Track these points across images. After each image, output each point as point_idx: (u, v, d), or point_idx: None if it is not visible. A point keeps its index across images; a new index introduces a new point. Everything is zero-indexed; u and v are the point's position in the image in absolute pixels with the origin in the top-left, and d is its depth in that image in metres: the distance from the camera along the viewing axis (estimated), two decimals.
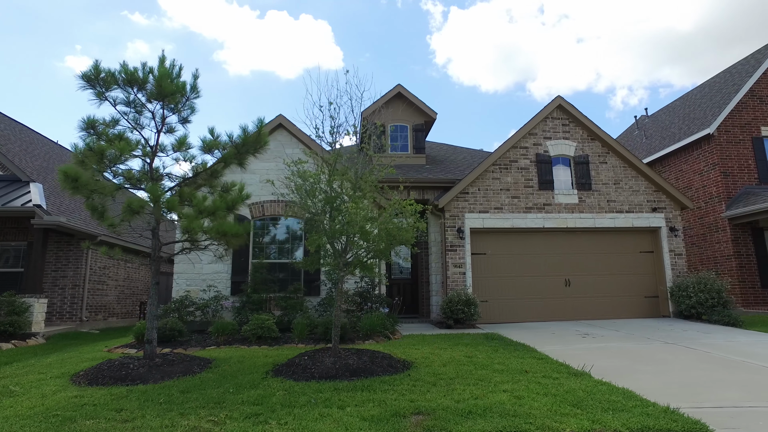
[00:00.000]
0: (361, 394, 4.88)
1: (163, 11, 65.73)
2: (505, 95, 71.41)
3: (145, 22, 65.09)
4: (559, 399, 4.56)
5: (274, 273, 10.48)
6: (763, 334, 8.74)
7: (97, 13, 69.14)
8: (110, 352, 7.83)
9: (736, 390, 5.01)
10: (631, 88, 67.70)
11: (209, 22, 64.41)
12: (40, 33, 72.70)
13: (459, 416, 4.11)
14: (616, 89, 68.27)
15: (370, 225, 6.45)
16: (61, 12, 67.64)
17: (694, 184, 15.10)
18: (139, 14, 66.09)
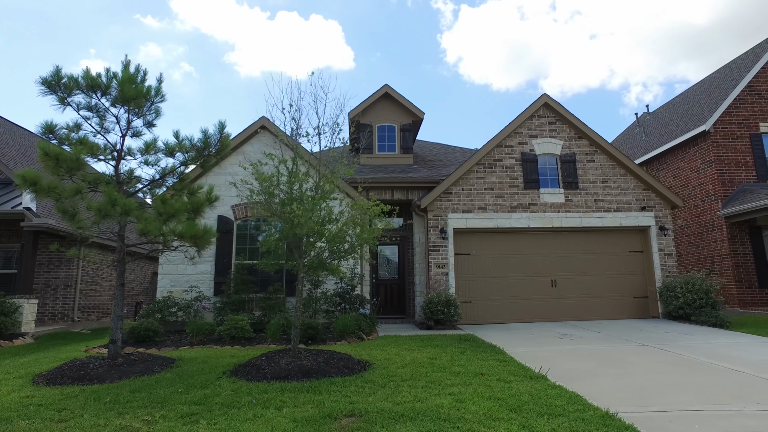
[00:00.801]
0: (304, 395, 4.89)
1: (175, 14, 66.66)
2: (517, 93, 70.79)
3: (157, 25, 66.09)
4: (501, 403, 4.51)
5: (256, 274, 10.55)
6: (745, 336, 8.53)
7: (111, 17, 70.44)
8: (87, 351, 7.97)
9: (691, 393, 4.91)
10: (646, 84, 66.59)
11: (220, 23, 65.13)
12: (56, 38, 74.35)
13: (389, 419, 4.10)
14: (630, 86, 67.20)
15: (330, 226, 6.46)
16: (76, 17, 69.10)
17: (690, 181, 14.79)
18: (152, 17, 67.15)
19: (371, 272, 12.73)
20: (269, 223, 6.82)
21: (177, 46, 68.03)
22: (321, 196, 6.41)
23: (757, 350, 7.18)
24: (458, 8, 68.78)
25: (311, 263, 6.59)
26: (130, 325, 8.44)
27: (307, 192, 6.60)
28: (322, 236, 6.16)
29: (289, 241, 6.27)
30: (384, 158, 13.34)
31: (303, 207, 6.07)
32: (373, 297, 12.55)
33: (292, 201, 6.25)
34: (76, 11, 69.33)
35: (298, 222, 5.91)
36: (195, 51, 73.45)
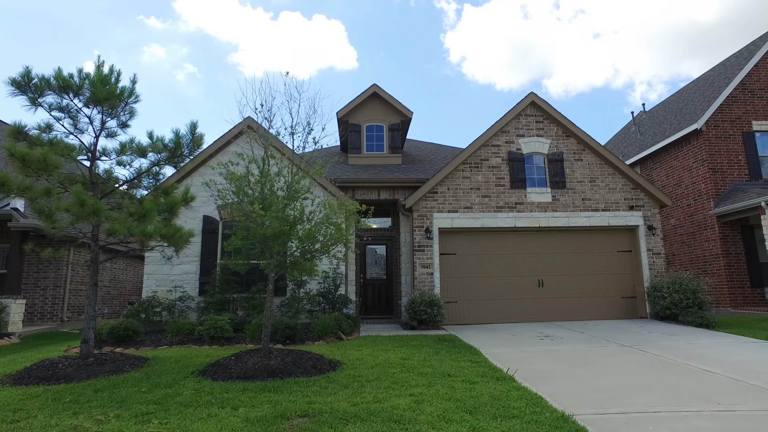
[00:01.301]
0: (264, 395, 4.88)
1: (178, 15, 66.93)
2: (521, 93, 70.57)
3: (160, 26, 66.39)
4: (458, 405, 4.47)
5: (240, 274, 10.55)
6: (729, 336, 8.43)
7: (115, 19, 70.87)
8: (66, 351, 8.00)
9: (656, 395, 4.85)
10: (650, 83, 66.14)
11: (224, 24, 65.33)
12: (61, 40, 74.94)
13: (340, 420, 4.08)
14: (635, 85, 66.76)
15: (300, 226, 6.44)
16: (81, 19, 69.60)
17: (684, 180, 14.66)
18: (155, 18, 67.46)
19: (359, 272, 12.72)
20: (238, 223, 6.81)
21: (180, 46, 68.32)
22: (290, 196, 6.39)
23: (735, 351, 7.10)
24: (461, 7, 68.65)
25: (281, 263, 6.58)
26: (111, 325, 8.47)
27: (278, 192, 6.58)
28: (289, 237, 6.14)
29: (258, 241, 6.26)
30: (372, 158, 13.32)
31: (269, 207, 6.05)
32: (359, 297, 12.54)
33: (255, 201, 6.23)
34: (81, 13, 69.86)
35: (261, 222, 5.89)
36: (198, 52, 73.74)
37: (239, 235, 6.31)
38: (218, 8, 63.97)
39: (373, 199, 12.04)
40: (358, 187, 11.93)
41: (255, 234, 6.13)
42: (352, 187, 11.92)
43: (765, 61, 14.15)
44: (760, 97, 13.98)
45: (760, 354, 6.86)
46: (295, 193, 6.46)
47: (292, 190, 6.51)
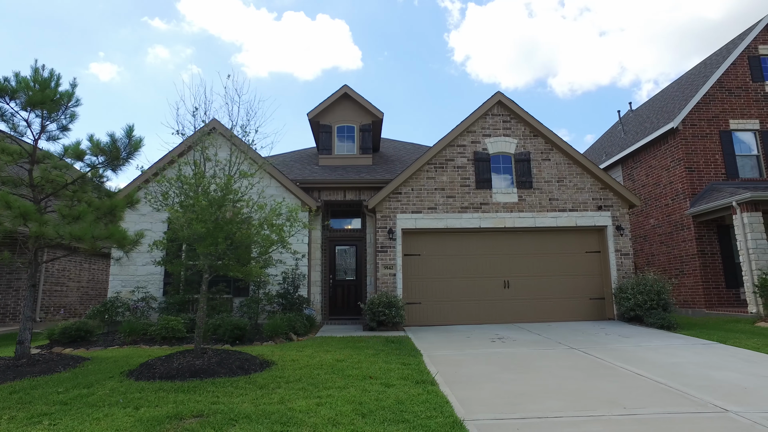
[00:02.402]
0: (174, 395, 4.90)
1: (182, 15, 67.40)
2: (526, 92, 70.01)
3: (164, 27, 66.91)
4: (357, 408, 4.44)
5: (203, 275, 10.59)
6: (683, 338, 8.31)
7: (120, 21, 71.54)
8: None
9: (567, 399, 4.79)
10: (657, 81, 65.44)
11: (227, 25, 65.68)
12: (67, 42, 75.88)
13: (229, 421, 4.08)
14: (642, 83, 66.09)
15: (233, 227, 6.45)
16: (87, 21, 70.39)
17: (662, 180, 14.48)
18: (159, 20, 68.00)
19: (327, 273, 12.72)
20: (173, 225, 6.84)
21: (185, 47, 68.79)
22: (218, 199, 6.39)
23: (678, 353, 6.99)
24: (465, 6, 68.43)
25: (213, 265, 6.60)
26: (64, 325, 8.55)
27: (213, 194, 6.59)
28: (216, 238, 6.15)
29: (184, 242, 6.28)
30: (343, 159, 13.32)
31: (188, 209, 6.07)
32: (327, 298, 12.54)
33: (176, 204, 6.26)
34: (86, 16, 70.67)
35: (181, 225, 5.92)
36: (202, 53, 74.20)
37: (168, 236, 6.34)
38: (222, 9, 64.35)
39: (339, 200, 12.05)
40: (324, 188, 11.94)
41: (183, 236, 6.15)
42: (317, 188, 11.93)
43: (742, 60, 13.94)
44: (737, 96, 13.77)
45: (700, 356, 6.76)
46: (226, 194, 6.45)
47: (224, 192, 6.51)
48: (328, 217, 13.05)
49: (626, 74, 67.05)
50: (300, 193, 11.16)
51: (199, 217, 6.07)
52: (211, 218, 6.09)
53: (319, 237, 11.90)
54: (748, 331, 9.09)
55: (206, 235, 6.05)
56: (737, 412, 4.30)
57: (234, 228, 6.37)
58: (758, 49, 13.97)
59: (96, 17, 70.85)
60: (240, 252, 6.73)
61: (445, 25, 71.53)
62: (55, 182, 7.00)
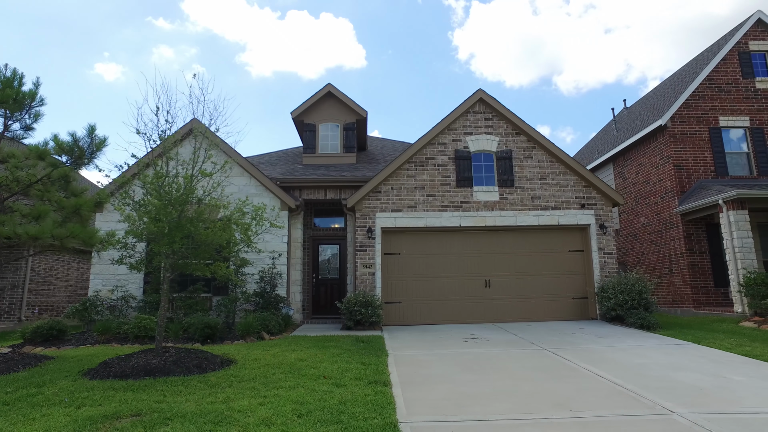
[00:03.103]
0: (121, 394, 4.89)
1: (186, 15, 67.63)
2: (530, 90, 69.66)
3: (169, 27, 67.19)
4: (297, 408, 4.40)
5: (183, 274, 10.59)
6: (659, 338, 8.19)
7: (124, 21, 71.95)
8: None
9: (517, 401, 4.71)
10: (663, 78, 64.68)
11: (231, 24, 65.80)
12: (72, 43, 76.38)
13: (163, 420, 4.06)
14: (648, 80, 65.53)
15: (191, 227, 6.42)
16: (89, 21, 70.85)
17: (651, 178, 14.31)
18: (163, 19, 68.27)
19: (310, 272, 12.70)
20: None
21: (189, 47, 69.02)
22: (180, 197, 6.36)
23: (648, 353, 6.88)
24: (469, 4, 68.15)
25: (174, 264, 6.58)
26: (35, 324, 8.58)
27: (174, 193, 6.56)
28: (172, 238, 6.12)
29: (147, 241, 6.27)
30: (326, 158, 13.27)
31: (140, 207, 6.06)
32: (310, 297, 12.51)
33: (132, 204, 6.24)
34: (90, 16, 71.15)
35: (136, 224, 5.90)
36: (207, 52, 74.46)
37: (129, 233, 6.33)
38: (225, 8, 64.49)
39: (320, 199, 12.01)
40: (305, 187, 11.90)
41: (136, 235, 6.14)
42: (298, 187, 11.89)
43: (732, 56, 13.72)
44: (726, 93, 13.56)
45: (669, 357, 6.65)
46: (185, 193, 6.41)
47: (183, 192, 6.47)
48: (311, 216, 13.03)
49: (632, 72, 66.50)
50: (279, 192, 11.13)
51: (156, 216, 6.04)
52: (167, 218, 6.06)
53: (300, 236, 11.87)
54: (729, 331, 8.95)
55: (163, 234, 6.02)
56: (682, 414, 4.21)
57: (194, 227, 6.34)
58: (749, 45, 13.75)
59: (100, 17, 71.32)
60: (202, 251, 6.69)
61: (449, 23, 71.29)
62: (21, 182, 7.02)
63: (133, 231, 6.21)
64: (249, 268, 10.57)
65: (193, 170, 6.87)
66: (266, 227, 7.45)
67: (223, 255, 7.12)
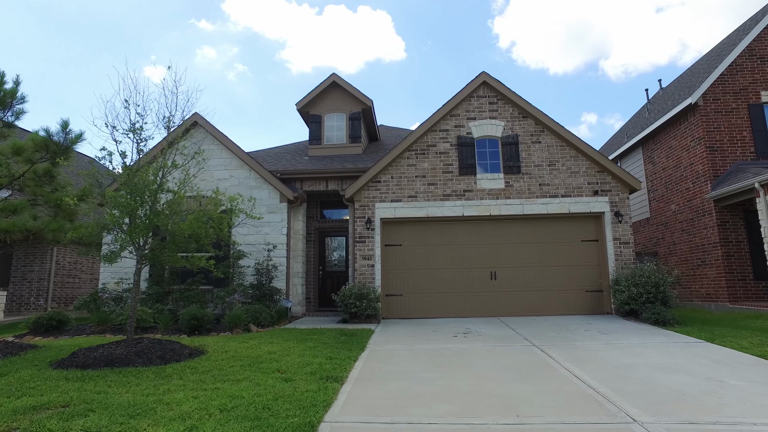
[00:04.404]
0: (69, 384, 4.91)
1: (227, 15, 69.36)
2: (576, 77, 66.57)
3: (211, 28, 69.20)
4: (227, 403, 4.22)
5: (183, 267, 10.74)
6: (669, 335, 7.45)
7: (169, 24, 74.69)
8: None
9: (463, 404, 4.32)
10: None
11: (271, 22, 66.86)
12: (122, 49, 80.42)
13: (84, 411, 4.01)
14: None
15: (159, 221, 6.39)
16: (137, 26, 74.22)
17: (682, 161, 13.16)
18: (206, 21, 70.31)
19: (317, 264, 12.59)
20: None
21: (231, 47, 70.78)
22: (145, 190, 6.32)
23: (646, 353, 6.24)
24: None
25: (144, 255, 6.58)
26: (37, 315, 8.91)
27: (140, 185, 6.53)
28: (135, 229, 6.10)
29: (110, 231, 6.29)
30: (332, 148, 13.08)
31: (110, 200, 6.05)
32: (318, 289, 12.42)
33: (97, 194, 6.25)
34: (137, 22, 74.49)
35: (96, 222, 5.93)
36: (248, 51, 76.06)
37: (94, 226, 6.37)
38: (265, 7, 65.57)
39: (321, 191, 11.84)
40: (306, 179, 11.76)
41: (103, 226, 6.17)
42: (300, 179, 11.77)
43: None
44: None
45: (668, 356, 5.98)
46: (148, 185, 6.36)
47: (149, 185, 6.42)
48: (317, 208, 12.90)
49: (687, 52, 62.12)
50: (277, 184, 11.04)
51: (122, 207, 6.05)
52: (128, 209, 6.05)
53: (302, 228, 11.76)
54: (760, 329, 8.02)
55: (128, 226, 6.02)
56: (644, 423, 3.69)
57: (158, 219, 6.31)
58: None
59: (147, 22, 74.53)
60: (173, 243, 6.67)
61: (489, 11, 69.25)
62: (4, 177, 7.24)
63: (98, 223, 6.24)
64: (246, 260, 10.58)
65: (165, 160, 6.82)
66: (242, 219, 7.33)
67: (202, 245, 7.07)
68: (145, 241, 6.61)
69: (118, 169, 6.56)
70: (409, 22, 69.03)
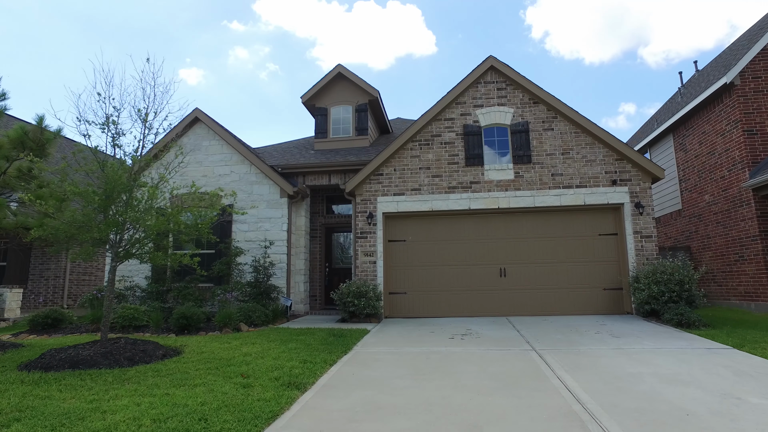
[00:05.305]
0: (19, 389, 4.71)
1: (258, 16, 70.13)
2: (612, 66, 63.61)
3: (242, 29, 70.18)
4: (165, 411, 3.91)
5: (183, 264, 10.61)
6: (692, 340, 6.65)
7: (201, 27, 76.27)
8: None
9: (423, 419, 3.83)
10: None
11: (301, 21, 67.16)
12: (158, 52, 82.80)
13: (10, 420, 3.72)
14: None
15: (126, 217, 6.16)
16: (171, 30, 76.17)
17: (716, 148, 12.03)
18: (237, 22, 71.35)
19: (323, 260, 12.26)
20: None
21: (262, 46, 71.54)
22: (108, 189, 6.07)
23: (658, 361, 5.52)
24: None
25: (117, 253, 6.37)
26: (33, 313, 8.94)
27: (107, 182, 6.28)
28: (93, 227, 5.87)
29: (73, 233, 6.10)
30: (338, 142, 12.69)
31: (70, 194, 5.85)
32: (324, 286, 12.09)
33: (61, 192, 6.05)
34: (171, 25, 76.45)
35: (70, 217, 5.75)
36: (279, 50, 76.70)
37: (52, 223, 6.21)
38: (295, 6, 65.94)
39: (324, 185, 11.47)
40: (309, 173, 11.42)
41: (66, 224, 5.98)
42: (302, 173, 11.44)
43: None
44: None
45: (682, 365, 5.25)
46: (113, 181, 6.11)
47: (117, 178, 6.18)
48: (323, 203, 12.56)
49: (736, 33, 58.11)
50: (277, 179, 10.75)
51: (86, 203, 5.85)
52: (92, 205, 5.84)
53: (304, 224, 11.43)
54: None
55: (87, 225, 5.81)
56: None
57: (125, 216, 6.07)
58: None
59: (180, 26, 76.40)
60: (145, 239, 6.43)
61: (521, 1, 67.15)
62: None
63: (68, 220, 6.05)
64: (245, 257, 10.34)
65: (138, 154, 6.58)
66: (215, 214, 7.05)
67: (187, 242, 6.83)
68: (119, 238, 6.40)
69: (91, 164, 6.35)
70: (439, 15, 67.79)
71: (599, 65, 64.71)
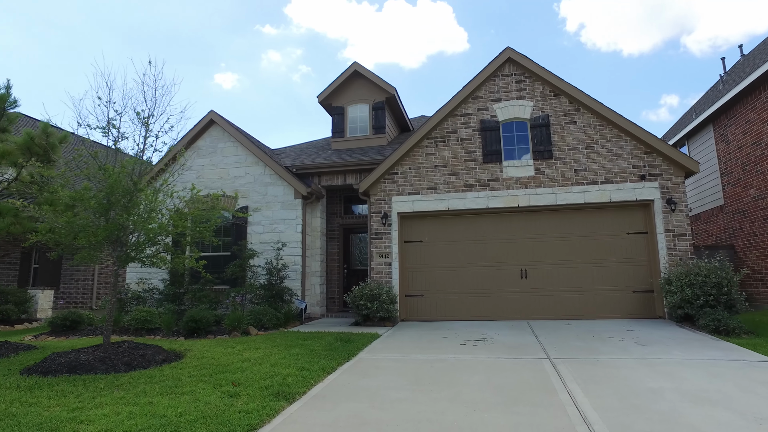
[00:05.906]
0: (11, 394, 4.68)
1: (290, 19, 71.12)
2: (653, 56, 60.70)
3: (274, 32, 71.30)
4: (144, 423, 3.76)
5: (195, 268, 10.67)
6: (729, 350, 6.04)
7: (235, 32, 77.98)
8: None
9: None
10: None
11: (332, 23, 67.64)
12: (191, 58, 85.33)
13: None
14: None
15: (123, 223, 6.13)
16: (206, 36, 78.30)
17: (763, 137, 11.08)
18: (270, 26, 72.58)
19: (341, 262, 12.08)
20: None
21: (294, 49, 72.47)
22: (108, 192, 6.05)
23: (684, 374, 4.99)
24: None
25: (119, 256, 6.35)
26: (53, 315, 9.14)
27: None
28: (90, 232, 5.85)
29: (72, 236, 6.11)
30: (355, 141, 12.47)
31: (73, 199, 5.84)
32: (342, 288, 11.91)
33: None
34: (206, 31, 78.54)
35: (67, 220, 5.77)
36: (311, 52, 77.47)
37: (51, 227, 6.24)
38: (326, 8, 66.51)
39: (340, 185, 11.27)
40: (324, 173, 11.25)
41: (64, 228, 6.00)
42: (317, 174, 11.28)
43: None
44: None
45: (713, 380, 4.71)
46: (112, 185, 6.08)
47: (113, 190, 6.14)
48: (340, 203, 12.39)
49: None
50: (291, 180, 10.63)
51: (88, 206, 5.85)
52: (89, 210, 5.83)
53: (320, 225, 11.27)
54: None
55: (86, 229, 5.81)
56: None
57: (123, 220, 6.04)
58: None
59: (215, 31, 78.40)
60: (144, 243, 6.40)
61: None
62: None
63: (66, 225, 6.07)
64: (259, 259, 10.27)
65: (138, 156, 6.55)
66: (220, 216, 6.94)
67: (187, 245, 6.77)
68: (122, 242, 6.38)
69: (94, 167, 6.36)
70: (470, 11, 66.59)
71: (638, 56, 61.82)
